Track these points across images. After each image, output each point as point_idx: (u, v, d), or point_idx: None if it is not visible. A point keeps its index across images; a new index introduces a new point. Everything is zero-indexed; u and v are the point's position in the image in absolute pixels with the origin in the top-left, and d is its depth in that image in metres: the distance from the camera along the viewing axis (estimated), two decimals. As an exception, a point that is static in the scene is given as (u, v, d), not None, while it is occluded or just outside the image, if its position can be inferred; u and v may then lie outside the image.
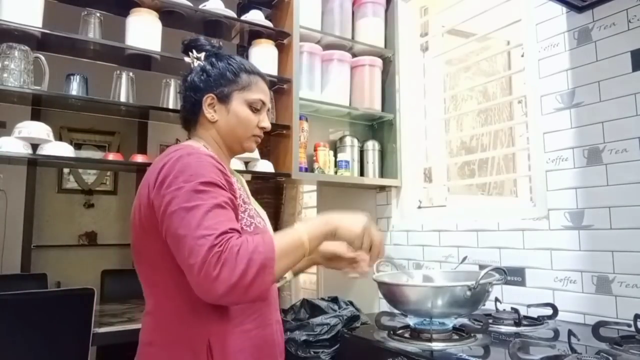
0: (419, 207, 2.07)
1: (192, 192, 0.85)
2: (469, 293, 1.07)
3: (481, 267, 1.60)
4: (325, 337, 1.33)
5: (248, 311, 0.96)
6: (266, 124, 1.09)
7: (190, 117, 1.08)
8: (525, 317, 1.33)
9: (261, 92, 1.08)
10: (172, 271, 0.90)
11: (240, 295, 0.81)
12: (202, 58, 1.08)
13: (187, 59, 1.10)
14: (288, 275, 1.21)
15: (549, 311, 1.35)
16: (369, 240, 0.97)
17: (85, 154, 4.00)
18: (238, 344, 0.94)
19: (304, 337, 1.37)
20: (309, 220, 0.96)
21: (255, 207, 1.10)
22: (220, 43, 1.13)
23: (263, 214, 1.12)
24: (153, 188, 0.89)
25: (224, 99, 1.04)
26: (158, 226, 0.89)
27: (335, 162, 2.01)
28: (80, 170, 4.19)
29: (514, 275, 1.53)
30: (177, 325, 0.93)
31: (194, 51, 1.09)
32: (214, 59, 1.07)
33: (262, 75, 1.10)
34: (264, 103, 1.08)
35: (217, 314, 0.92)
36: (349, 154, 2.04)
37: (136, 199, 0.95)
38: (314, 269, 2.27)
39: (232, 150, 1.11)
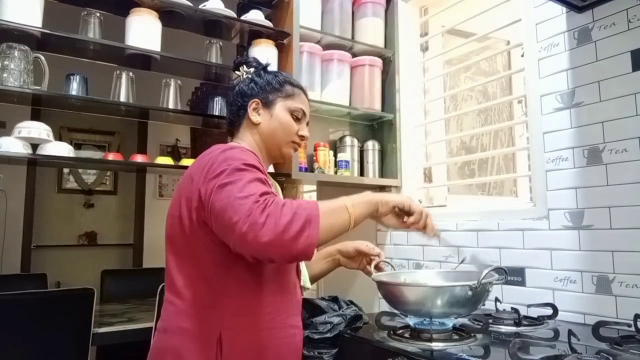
0: (419, 207, 2.06)
1: (234, 171, 0.91)
2: (470, 293, 1.07)
3: (481, 267, 1.60)
4: (328, 335, 1.33)
5: (263, 311, 0.98)
6: (305, 133, 1.16)
7: (234, 119, 1.15)
8: (525, 317, 1.33)
9: (303, 103, 1.16)
10: (199, 263, 0.96)
11: (285, 248, 0.83)
12: (251, 72, 1.18)
13: (237, 73, 1.21)
14: (308, 284, 1.23)
15: (549, 311, 1.35)
16: (420, 207, 1.08)
17: (85, 154, 4.00)
18: (248, 342, 0.96)
19: (307, 336, 1.37)
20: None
21: None
22: (267, 62, 1.24)
23: None
24: (199, 179, 0.94)
25: (268, 104, 1.13)
26: (198, 217, 0.94)
27: (335, 162, 2.01)
28: (80, 170, 4.19)
29: (514, 275, 1.53)
30: (192, 316, 0.95)
31: (244, 66, 1.19)
32: (262, 72, 1.18)
33: (304, 90, 1.19)
34: (304, 114, 1.16)
35: (232, 309, 0.95)
36: (349, 153, 2.04)
37: (176, 191, 1.03)
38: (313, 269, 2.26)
39: (270, 155, 1.16)
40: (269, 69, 1.20)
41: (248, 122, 1.13)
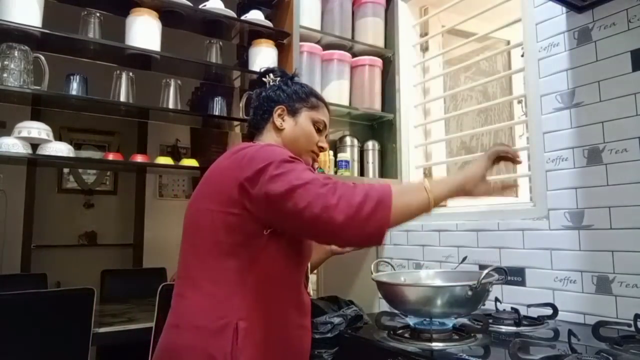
0: (419, 207, 2.06)
1: (282, 162, 0.93)
2: (470, 293, 1.07)
3: (481, 267, 1.60)
4: (329, 336, 1.33)
5: (278, 307, 1.00)
6: (325, 144, 1.20)
7: (258, 122, 1.18)
8: (525, 317, 1.33)
9: (325, 116, 1.21)
10: (222, 256, 0.96)
11: (359, 228, 0.86)
12: (278, 81, 1.23)
13: (263, 80, 1.25)
14: (310, 292, 1.24)
15: (549, 311, 1.35)
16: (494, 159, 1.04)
17: (85, 154, 4.00)
18: (262, 335, 0.97)
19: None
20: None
21: None
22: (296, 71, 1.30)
23: None
24: (239, 172, 0.95)
25: (293, 111, 1.17)
26: (241, 209, 0.94)
27: (335, 162, 2.01)
28: (80, 170, 4.19)
29: (514, 275, 1.53)
30: (209, 308, 0.96)
31: (270, 75, 1.24)
32: (289, 81, 1.22)
33: (327, 104, 1.24)
34: (325, 126, 1.21)
35: (249, 302, 0.96)
36: (349, 153, 2.04)
37: (203, 185, 1.04)
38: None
39: None
40: (295, 80, 1.25)
41: (272, 126, 1.16)
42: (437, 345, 1.09)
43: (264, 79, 1.25)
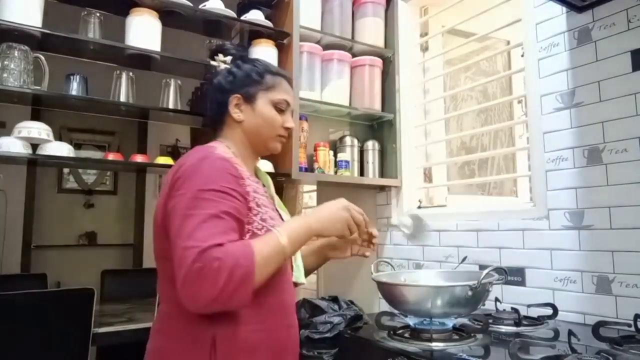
0: (419, 207, 2.07)
1: (193, 199, 0.88)
2: (470, 293, 1.07)
3: (481, 267, 1.60)
4: (328, 335, 1.33)
5: (257, 314, 0.95)
6: (291, 124, 1.11)
7: (216, 117, 1.10)
8: (525, 317, 1.33)
9: (285, 93, 1.10)
10: None
11: (222, 306, 0.84)
12: (228, 62, 1.12)
13: (213, 63, 1.13)
14: (302, 279, 1.19)
15: (549, 311, 1.36)
16: (353, 224, 1.04)
17: (85, 154, 4.00)
18: (244, 344, 0.93)
19: (307, 336, 1.37)
20: (291, 223, 0.99)
21: (279, 209, 1.12)
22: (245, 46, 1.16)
23: (286, 215, 1.13)
24: (168, 189, 0.93)
25: (249, 99, 1.07)
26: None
27: (335, 162, 2.00)
28: (80, 170, 4.19)
29: (514, 275, 1.53)
30: (185, 318, 0.93)
31: (220, 55, 1.12)
32: (239, 62, 1.11)
33: (286, 77, 1.13)
34: (288, 103, 1.11)
35: (221, 314, 0.91)
36: (349, 154, 2.04)
37: (161, 190, 1.00)
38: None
39: (257, 151, 1.13)
40: (247, 56, 1.15)
41: (231, 119, 1.08)
42: (437, 345, 1.09)
43: (212, 62, 1.13)
